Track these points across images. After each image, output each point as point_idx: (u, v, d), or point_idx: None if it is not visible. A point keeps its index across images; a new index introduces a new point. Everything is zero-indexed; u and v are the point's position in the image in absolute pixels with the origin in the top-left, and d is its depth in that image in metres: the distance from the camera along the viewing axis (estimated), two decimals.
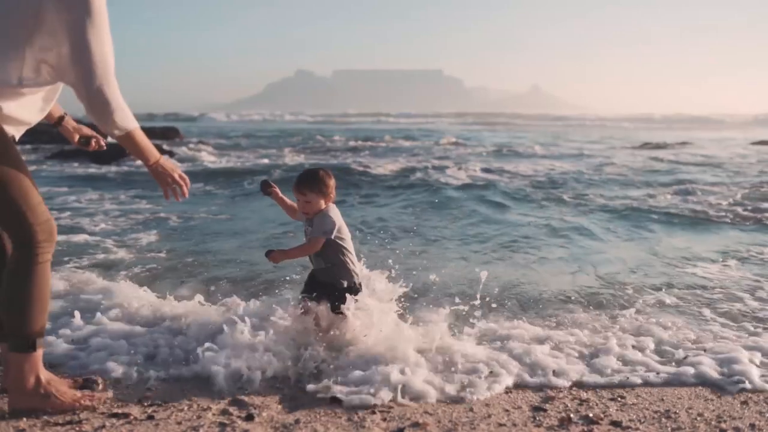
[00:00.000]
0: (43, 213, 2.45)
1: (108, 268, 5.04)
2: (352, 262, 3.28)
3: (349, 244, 3.28)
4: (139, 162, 2.76)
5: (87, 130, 2.99)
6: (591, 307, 4.13)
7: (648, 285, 4.71)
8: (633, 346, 3.34)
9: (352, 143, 25.08)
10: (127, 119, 2.43)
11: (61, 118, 2.89)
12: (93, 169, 13.59)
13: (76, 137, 2.96)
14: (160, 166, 2.63)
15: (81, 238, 6.28)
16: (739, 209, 8.53)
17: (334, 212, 3.27)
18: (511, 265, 5.42)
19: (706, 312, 4.08)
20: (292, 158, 17.94)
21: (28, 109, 2.47)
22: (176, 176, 2.66)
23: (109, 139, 2.81)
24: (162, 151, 14.98)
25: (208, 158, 17.44)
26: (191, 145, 21.56)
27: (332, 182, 3.28)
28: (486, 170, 13.84)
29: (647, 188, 11.09)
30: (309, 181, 3.22)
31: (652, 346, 3.36)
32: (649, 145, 24.12)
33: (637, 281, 4.82)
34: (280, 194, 3.44)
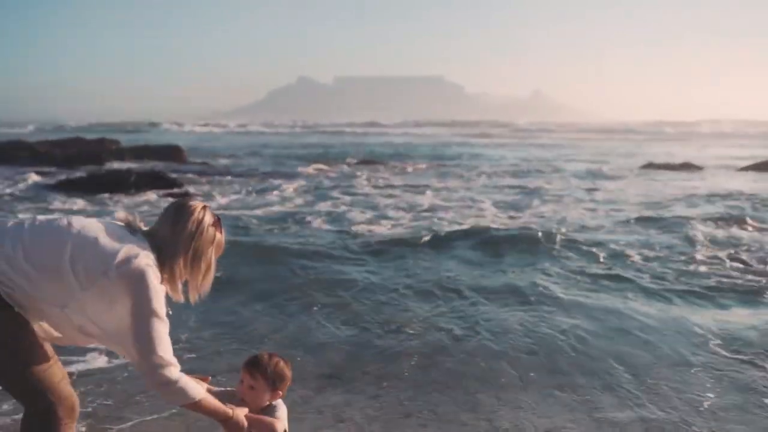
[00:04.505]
0: (65, 389, 2.48)
1: None
2: None
3: None
4: (145, 197, 2.72)
5: None
6: None
7: None
8: None
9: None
10: (191, 392, 2.44)
11: None
12: (96, 205, 13.52)
13: None
14: (233, 424, 2.58)
15: None
16: None
17: (282, 412, 2.79)
18: None
19: None
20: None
21: (59, 329, 2.54)
22: None
23: None
24: (172, 184, 12.97)
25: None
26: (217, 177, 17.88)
27: (289, 376, 2.81)
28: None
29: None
30: (266, 367, 2.73)
31: None
32: (653, 166, 23.62)
33: None
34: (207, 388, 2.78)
